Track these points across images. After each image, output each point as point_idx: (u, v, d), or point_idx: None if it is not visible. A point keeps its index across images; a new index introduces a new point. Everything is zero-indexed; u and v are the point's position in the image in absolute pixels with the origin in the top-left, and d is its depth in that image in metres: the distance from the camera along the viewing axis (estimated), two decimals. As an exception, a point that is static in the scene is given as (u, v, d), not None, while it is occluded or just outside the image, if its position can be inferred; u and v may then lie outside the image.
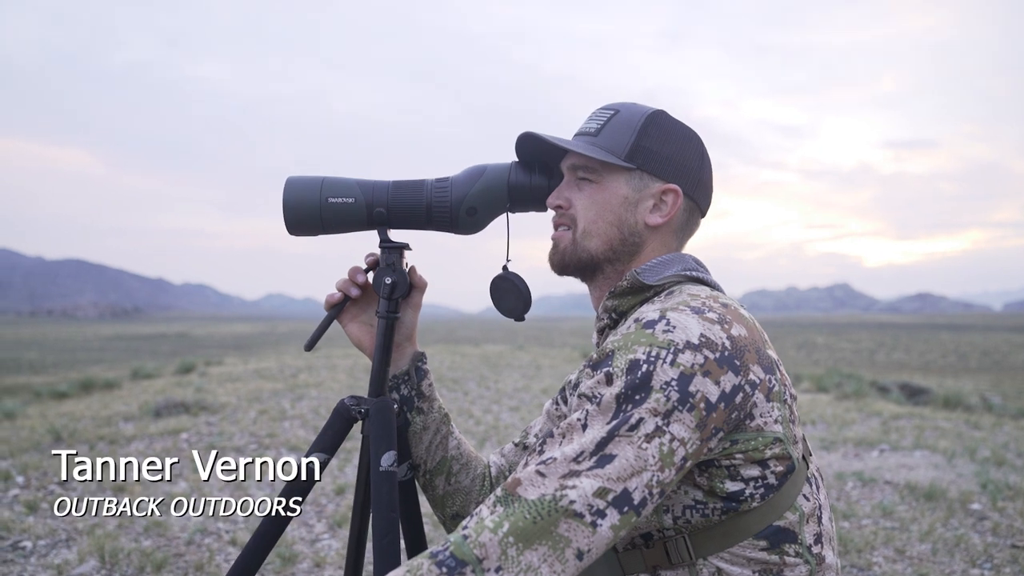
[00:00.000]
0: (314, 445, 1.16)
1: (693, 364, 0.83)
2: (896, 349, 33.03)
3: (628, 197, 1.02)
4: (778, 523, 0.91)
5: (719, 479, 0.89)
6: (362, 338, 1.19)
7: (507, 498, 0.82)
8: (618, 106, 1.05)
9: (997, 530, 3.53)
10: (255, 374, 10.83)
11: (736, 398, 0.85)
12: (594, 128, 1.04)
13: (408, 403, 1.19)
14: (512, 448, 1.24)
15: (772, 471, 0.89)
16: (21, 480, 4.28)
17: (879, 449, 5.41)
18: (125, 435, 5.72)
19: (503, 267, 1.14)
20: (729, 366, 0.85)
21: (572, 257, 1.05)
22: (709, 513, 0.90)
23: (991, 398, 9.97)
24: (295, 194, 1.13)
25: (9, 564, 2.97)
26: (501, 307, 1.15)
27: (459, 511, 1.21)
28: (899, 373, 17.83)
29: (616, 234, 1.02)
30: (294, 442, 5.49)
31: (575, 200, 1.05)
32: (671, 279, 1.00)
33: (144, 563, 2.94)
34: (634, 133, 1.01)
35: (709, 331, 0.86)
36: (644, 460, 0.80)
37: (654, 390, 0.82)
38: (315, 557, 3.10)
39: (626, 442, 0.80)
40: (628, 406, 0.82)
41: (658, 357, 0.83)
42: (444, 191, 1.12)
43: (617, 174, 1.02)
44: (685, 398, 0.82)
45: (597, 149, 1.01)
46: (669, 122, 1.03)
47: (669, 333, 0.85)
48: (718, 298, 0.94)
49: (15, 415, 7.17)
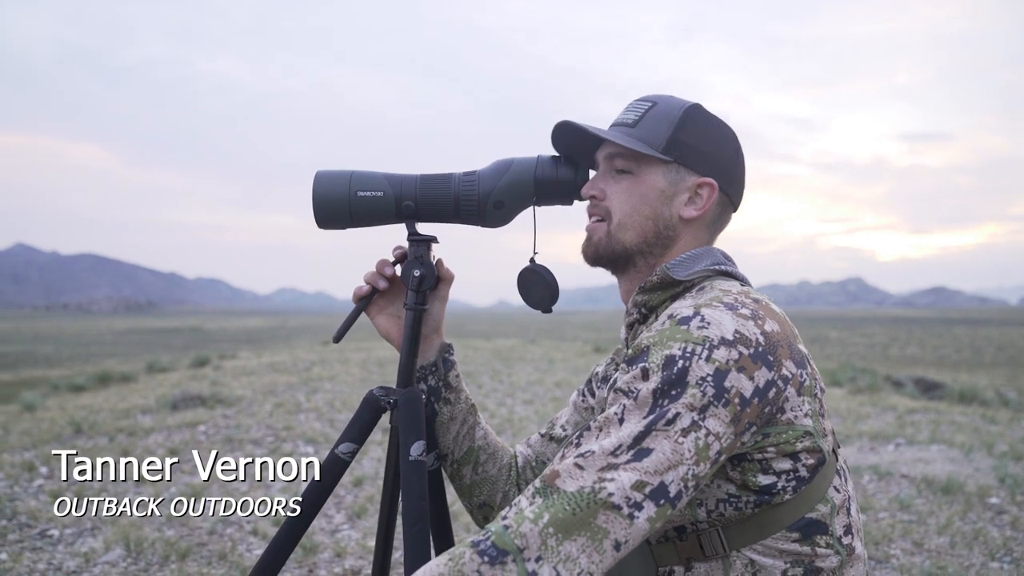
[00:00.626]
0: (343, 435, 1.18)
1: (728, 360, 0.84)
2: (910, 343, 32.79)
3: (664, 190, 1.02)
4: (810, 515, 0.92)
5: (752, 473, 0.90)
6: (390, 329, 1.20)
7: (546, 490, 0.83)
8: (656, 98, 1.04)
9: (1016, 524, 3.52)
10: (269, 367, 10.91)
11: (769, 393, 0.86)
12: (632, 119, 1.03)
13: (435, 393, 1.20)
14: (539, 439, 1.26)
15: (803, 464, 0.91)
16: (45, 471, 4.35)
17: (895, 443, 5.39)
18: (144, 427, 5.79)
19: (531, 259, 1.14)
20: (763, 361, 0.86)
21: (606, 249, 1.04)
22: (742, 506, 0.92)
23: (1007, 393, 9.89)
24: (324, 188, 1.13)
25: (38, 552, 3.03)
26: (529, 299, 1.16)
27: (486, 500, 1.22)
28: (913, 368, 17.70)
29: (651, 227, 1.02)
30: (311, 434, 5.53)
31: (610, 191, 1.04)
32: (701, 274, 1.00)
33: (168, 552, 2.98)
34: (672, 126, 1.00)
35: (743, 327, 0.87)
36: (680, 454, 0.81)
37: (690, 385, 0.83)
38: (336, 547, 3.13)
39: (663, 436, 0.82)
40: (664, 401, 0.83)
41: (693, 353, 0.84)
42: (472, 184, 1.13)
43: (654, 166, 1.01)
44: (720, 393, 0.83)
45: (635, 140, 1.00)
46: (706, 116, 1.03)
47: (704, 329, 0.86)
48: (749, 293, 0.95)
49: (35, 408, 7.27)
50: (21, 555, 2.95)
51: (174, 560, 2.93)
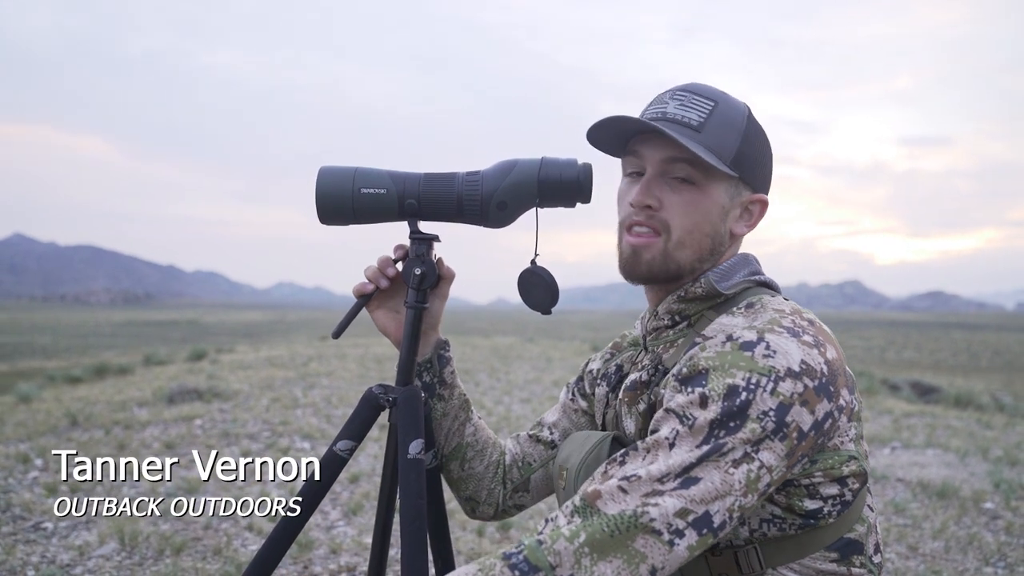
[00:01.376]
0: (342, 432, 1.18)
1: (792, 393, 0.81)
2: (907, 347, 32.84)
3: (724, 206, 0.96)
4: (848, 535, 0.92)
5: (798, 498, 0.88)
6: (388, 325, 1.20)
7: (586, 509, 0.81)
8: (714, 95, 0.95)
9: (1011, 529, 3.52)
10: (266, 362, 10.91)
11: (825, 424, 0.84)
12: (695, 120, 0.93)
13: (430, 390, 1.20)
14: (527, 438, 1.24)
15: (849, 488, 0.89)
16: (40, 463, 4.34)
17: (891, 447, 5.40)
18: (140, 420, 5.78)
19: (531, 261, 1.13)
20: (824, 393, 0.83)
21: (660, 268, 0.96)
22: (786, 528, 0.90)
23: (1002, 398, 9.91)
24: (328, 184, 1.13)
25: (32, 544, 3.03)
26: (529, 300, 1.14)
27: (472, 495, 1.23)
28: (910, 371, 17.73)
29: (708, 245, 0.96)
30: (307, 430, 5.53)
31: (668, 202, 0.94)
32: (741, 285, 0.97)
33: (163, 546, 2.98)
34: (740, 136, 0.93)
35: (808, 356, 0.83)
36: (730, 485, 0.79)
37: (750, 419, 0.80)
38: (331, 544, 3.13)
39: (713, 466, 0.79)
40: (721, 432, 0.80)
41: (758, 385, 0.81)
42: (475, 184, 1.12)
43: (719, 181, 0.94)
44: (780, 428, 0.80)
45: (706, 151, 0.91)
46: (758, 124, 0.98)
47: (770, 359, 0.82)
48: (802, 313, 0.91)
49: (31, 399, 7.26)
50: (14, 548, 2.95)
51: (169, 555, 2.93)
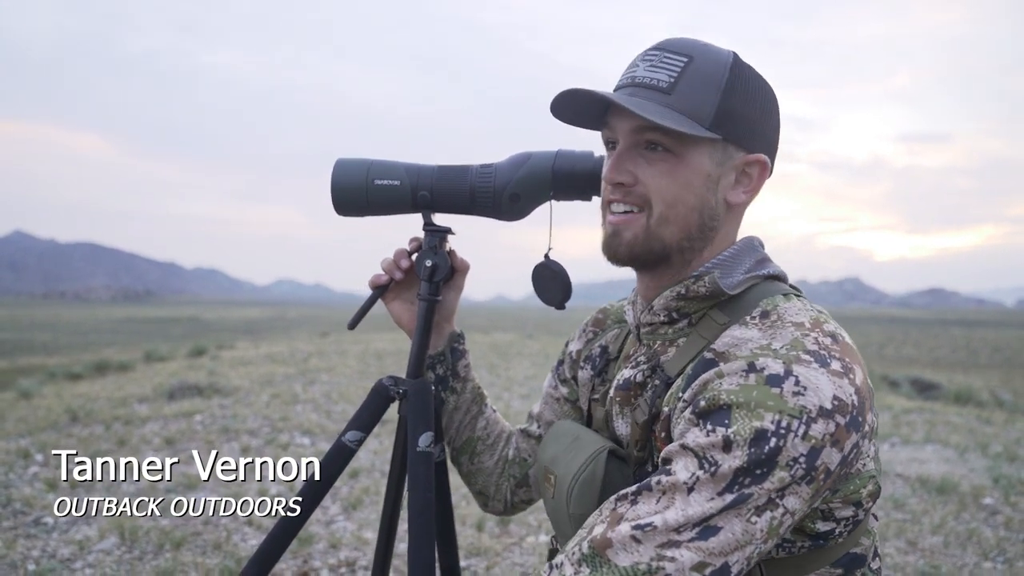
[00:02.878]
0: (351, 423, 1.18)
1: (824, 435, 0.73)
2: (906, 344, 32.85)
3: (711, 174, 0.84)
4: (854, 550, 0.88)
5: (811, 520, 0.82)
6: (403, 316, 1.20)
7: (595, 559, 0.75)
8: (688, 48, 0.84)
9: (1010, 524, 3.53)
10: (266, 358, 10.92)
11: (851, 456, 0.77)
12: (664, 81, 0.82)
13: (443, 383, 1.20)
14: (519, 434, 1.23)
15: (864, 508, 0.84)
16: (40, 458, 4.34)
17: (890, 442, 5.40)
18: (140, 416, 5.78)
19: (545, 255, 1.12)
20: (853, 427, 0.76)
21: (643, 248, 0.87)
22: (795, 550, 0.85)
23: (1002, 394, 9.93)
24: (343, 175, 1.15)
25: (32, 539, 3.03)
26: (543, 295, 1.14)
27: (481, 489, 1.22)
28: (909, 368, 17.74)
29: (695, 219, 0.86)
30: (307, 426, 5.53)
31: (643, 175, 0.85)
32: (749, 281, 0.88)
33: (163, 541, 2.98)
34: (719, 92, 0.82)
35: (840, 390, 0.75)
36: (751, 534, 0.73)
37: (779, 467, 0.73)
38: (331, 538, 3.14)
39: (734, 515, 0.73)
40: (747, 480, 0.73)
41: (789, 429, 0.72)
42: (488, 177, 1.12)
43: (699, 146, 0.83)
44: (808, 472, 0.74)
45: (675, 114, 0.81)
46: (750, 74, 0.85)
47: (800, 397, 0.73)
48: (823, 326, 0.82)
49: (31, 395, 7.26)
50: (15, 542, 2.95)
51: (168, 549, 2.93)
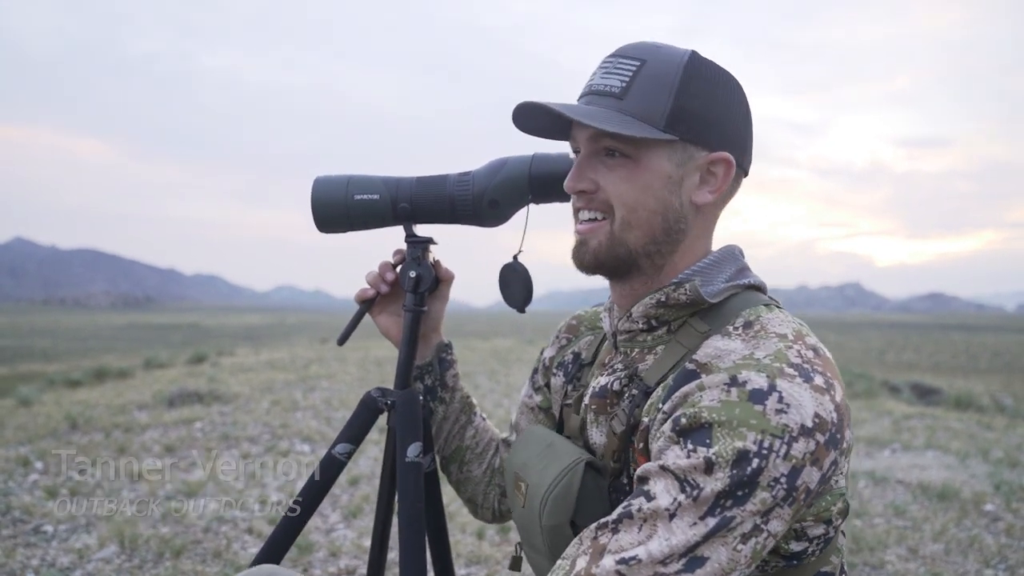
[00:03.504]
0: (340, 436, 1.18)
1: (805, 454, 0.74)
2: (906, 349, 32.82)
3: (671, 175, 0.84)
4: (824, 569, 0.88)
5: (785, 541, 0.83)
6: (389, 328, 1.21)
7: None
8: (643, 53, 0.84)
9: (1011, 531, 3.52)
10: (267, 365, 10.91)
11: (829, 473, 0.78)
12: (617, 86, 0.83)
13: (431, 393, 1.20)
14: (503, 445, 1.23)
15: (834, 526, 0.85)
16: (40, 466, 4.33)
17: (891, 448, 5.40)
18: (140, 423, 5.77)
19: (514, 256, 1.13)
20: (832, 445, 0.76)
21: (608, 254, 0.87)
22: (768, 570, 0.85)
23: (1003, 399, 9.91)
24: (323, 193, 1.16)
25: (32, 547, 3.02)
26: (506, 296, 1.14)
27: (471, 497, 1.23)
28: (909, 373, 17.70)
29: (659, 222, 0.85)
30: (307, 432, 5.53)
31: (604, 182, 0.86)
32: (729, 290, 0.88)
33: (163, 549, 2.98)
34: (672, 93, 0.82)
35: (821, 407, 0.75)
36: (736, 561, 0.74)
37: (760, 487, 0.73)
38: (330, 547, 3.13)
39: (720, 543, 0.73)
40: (729, 503, 0.73)
41: (771, 449, 0.73)
42: (466, 185, 1.13)
43: (656, 148, 0.83)
44: (790, 494, 0.74)
45: (627, 119, 0.82)
46: (709, 70, 0.84)
47: (783, 415, 0.73)
48: (804, 338, 0.82)
49: (31, 402, 7.25)
50: (14, 551, 2.94)
51: (168, 557, 2.93)
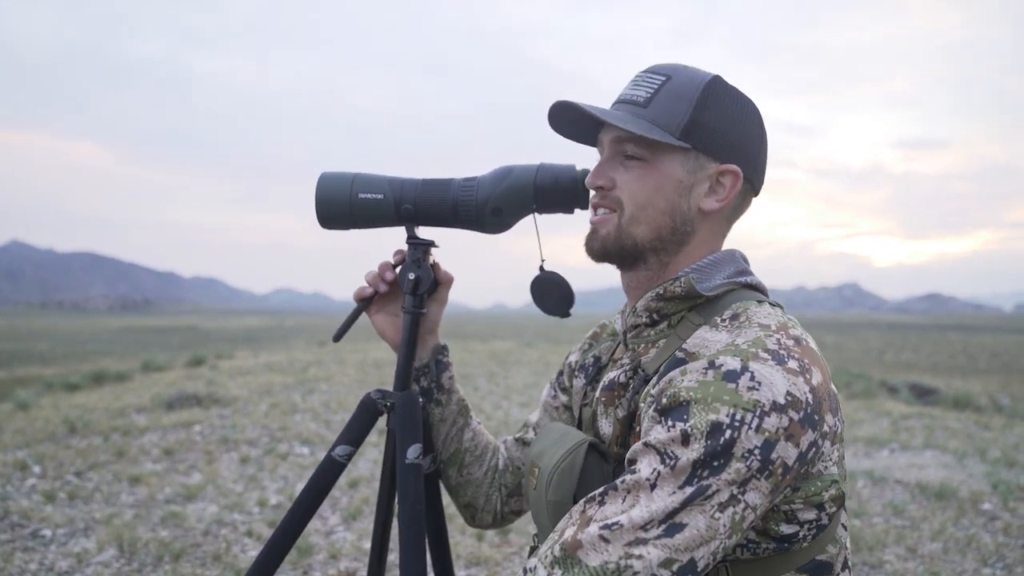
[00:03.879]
0: (340, 438, 1.18)
1: (778, 428, 0.78)
2: (905, 349, 32.85)
3: (682, 180, 0.92)
4: (820, 557, 0.90)
5: (775, 522, 0.86)
6: (386, 329, 1.21)
7: (566, 560, 0.78)
8: (669, 70, 0.93)
9: (1009, 530, 3.53)
10: (265, 368, 10.90)
11: (809, 454, 0.81)
12: (643, 96, 0.92)
13: (427, 395, 1.21)
14: (513, 443, 1.24)
15: (827, 512, 0.87)
16: (38, 470, 4.33)
17: (889, 448, 5.41)
18: (139, 427, 5.77)
19: (540, 267, 1.14)
20: (809, 424, 0.80)
21: (615, 244, 0.94)
22: (759, 552, 0.88)
23: (1000, 399, 9.92)
24: (327, 189, 1.16)
25: (30, 552, 3.02)
26: (545, 306, 1.15)
27: (470, 501, 1.23)
28: (907, 373, 17.73)
29: (667, 222, 0.93)
30: (306, 435, 5.53)
31: (620, 180, 0.94)
32: (724, 287, 0.93)
33: (162, 553, 2.97)
34: (691, 106, 0.90)
35: (794, 387, 0.79)
36: (715, 530, 0.77)
37: (735, 458, 0.77)
38: (330, 549, 3.13)
39: (698, 511, 0.77)
40: (705, 472, 0.77)
41: (743, 422, 0.77)
42: (470, 190, 1.14)
43: (671, 154, 0.91)
44: (765, 466, 0.78)
45: (647, 124, 0.90)
46: (728, 92, 0.93)
47: (755, 392, 0.78)
48: (788, 329, 0.86)
49: (28, 406, 7.24)
50: (13, 555, 2.94)
51: (168, 561, 2.93)
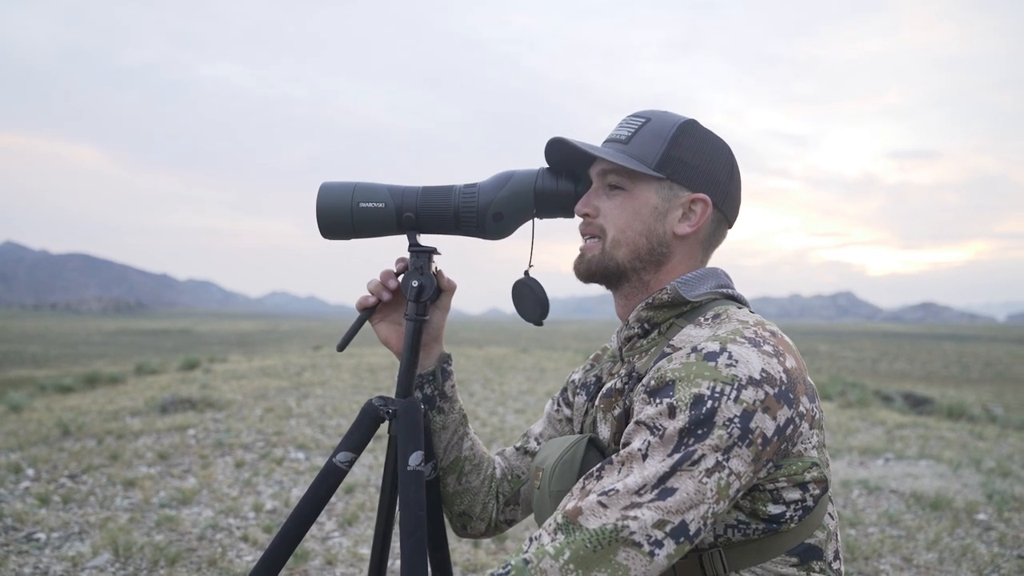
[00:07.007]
0: (342, 444, 1.18)
1: (755, 400, 0.86)
2: (899, 358, 32.94)
3: (657, 207, 1.02)
4: (809, 541, 0.95)
5: (762, 502, 0.92)
6: (389, 336, 1.22)
7: (568, 526, 0.85)
8: (649, 114, 1.05)
9: (1003, 540, 3.54)
10: (260, 371, 10.87)
11: (787, 430, 0.88)
12: (625, 135, 1.04)
13: (430, 402, 1.22)
14: (514, 452, 1.26)
15: (811, 494, 0.93)
16: (31, 473, 4.31)
17: (884, 458, 5.42)
18: (132, 430, 5.75)
19: (525, 272, 1.15)
20: (784, 400, 0.88)
21: (599, 266, 1.05)
22: (750, 533, 0.94)
23: (994, 409, 9.96)
24: (328, 199, 1.16)
25: (24, 555, 3.00)
26: (521, 310, 1.17)
27: (466, 510, 1.24)
28: (901, 382, 17.77)
29: (644, 243, 1.03)
30: (301, 440, 5.51)
31: (603, 208, 1.05)
32: (709, 295, 1.02)
33: (157, 557, 2.96)
34: (665, 142, 1.01)
35: (768, 365, 0.88)
36: (703, 494, 0.84)
37: (717, 426, 0.85)
38: (326, 555, 3.12)
39: (687, 476, 0.84)
40: (691, 440, 0.84)
41: (722, 393, 0.85)
42: (471, 196, 1.14)
43: (647, 183, 1.02)
44: (745, 434, 0.85)
45: (627, 157, 1.01)
46: (700, 132, 1.04)
47: (732, 368, 0.87)
48: (765, 325, 0.96)
49: (21, 408, 7.21)
50: (7, 559, 2.92)
51: (163, 565, 2.91)
